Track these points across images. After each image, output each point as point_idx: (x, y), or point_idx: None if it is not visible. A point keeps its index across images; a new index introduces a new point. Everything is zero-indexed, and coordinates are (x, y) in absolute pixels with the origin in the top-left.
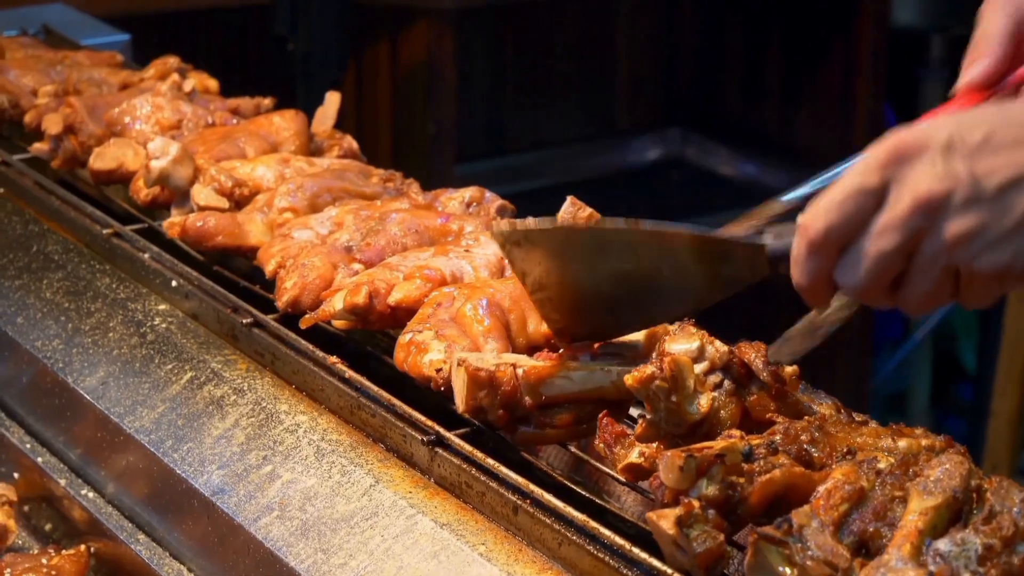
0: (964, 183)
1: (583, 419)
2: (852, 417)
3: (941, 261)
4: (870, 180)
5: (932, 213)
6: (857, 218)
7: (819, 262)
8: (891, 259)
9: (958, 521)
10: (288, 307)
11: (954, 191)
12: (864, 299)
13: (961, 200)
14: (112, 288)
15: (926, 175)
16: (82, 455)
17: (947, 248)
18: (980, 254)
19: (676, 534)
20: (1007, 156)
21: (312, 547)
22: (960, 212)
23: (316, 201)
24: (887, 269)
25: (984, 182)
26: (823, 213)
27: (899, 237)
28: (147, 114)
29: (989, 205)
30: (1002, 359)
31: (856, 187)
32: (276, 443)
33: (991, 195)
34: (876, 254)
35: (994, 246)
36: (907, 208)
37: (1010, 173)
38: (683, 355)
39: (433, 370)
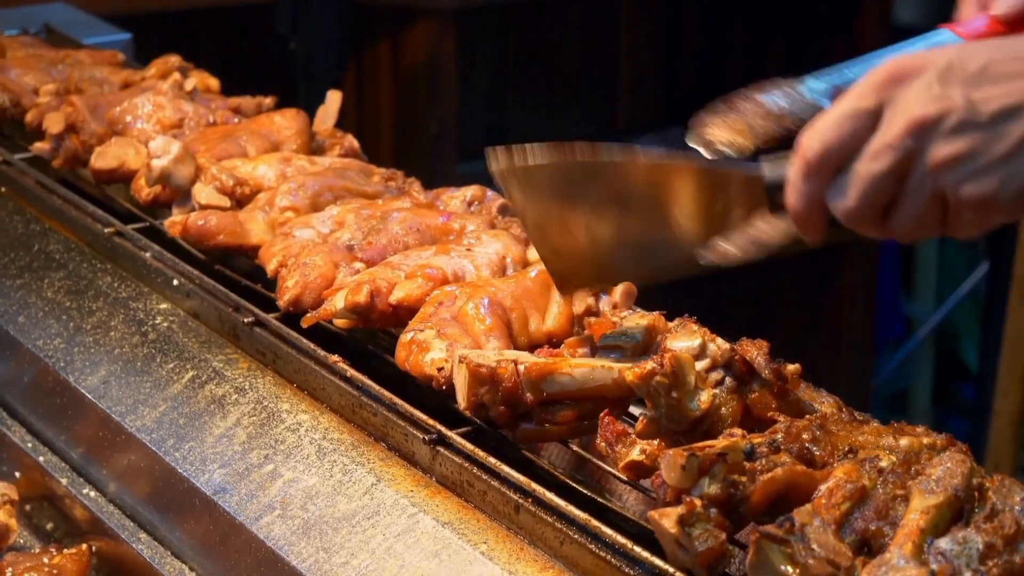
0: (959, 107)
1: (584, 416)
2: (854, 415)
3: (929, 184)
4: (866, 102)
5: (924, 135)
6: (853, 139)
7: (815, 185)
8: (883, 181)
9: (960, 520)
10: (289, 306)
11: (948, 114)
12: (856, 225)
13: (954, 124)
14: (113, 287)
15: (921, 97)
16: (84, 454)
17: (936, 170)
18: (967, 179)
19: (678, 533)
20: (1005, 85)
21: (314, 546)
22: (951, 135)
23: (317, 200)
24: (879, 192)
25: (979, 107)
26: (820, 134)
27: (891, 158)
28: (148, 113)
29: (982, 131)
30: (1004, 358)
31: (852, 109)
32: (278, 442)
33: (985, 121)
34: (869, 176)
35: (982, 173)
36: (900, 129)
37: (1006, 101)
38: (684, 352)
39: (435, 369)
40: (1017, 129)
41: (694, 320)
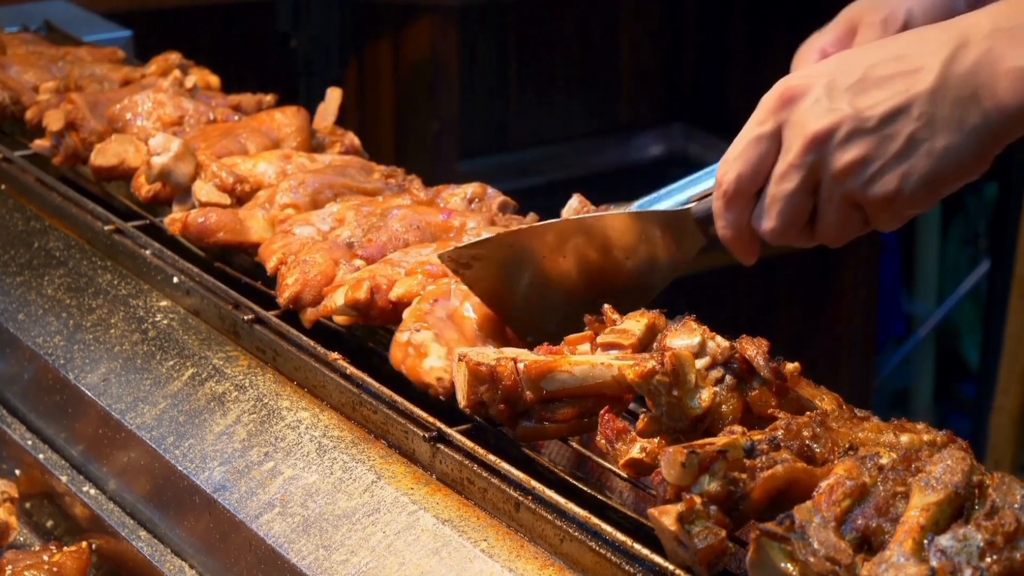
0: (848, 117)
1: (584, 414)
2: (854, 413)
3: (838, 191)
4: (765, 127)
5: (822, 148)
6: (761, 164)
7: (736, 212)
8: (797, 198)
9: (960, 517)
10: (290, 303)
11: (839, 125)
12: (784, 241)
13: (846, 132)
14: (113, 285)
15: (812, 113)
16: (83, 452)
17: (839, 178)
18: (871, 181)
19: (678, 530)
20: (886, 88)
21: (314, 544)
22: (846, 144)
23: (318, 197)
24: (796, 209)
25: (866, 114)
26: (731, 164)
27: (798, 176)
28: (148, 110)
29: (872, 135)
30: (1005, 356)
31: (754, 135)
32: (278, 439)
33: (873, 125)
34: (782, 195)
35: (882, 173)
36: (799, 148)
37: (890, 104)
38: (684, 350)
39: (434, 378)
40: (904, 128)
41: (693, 318)
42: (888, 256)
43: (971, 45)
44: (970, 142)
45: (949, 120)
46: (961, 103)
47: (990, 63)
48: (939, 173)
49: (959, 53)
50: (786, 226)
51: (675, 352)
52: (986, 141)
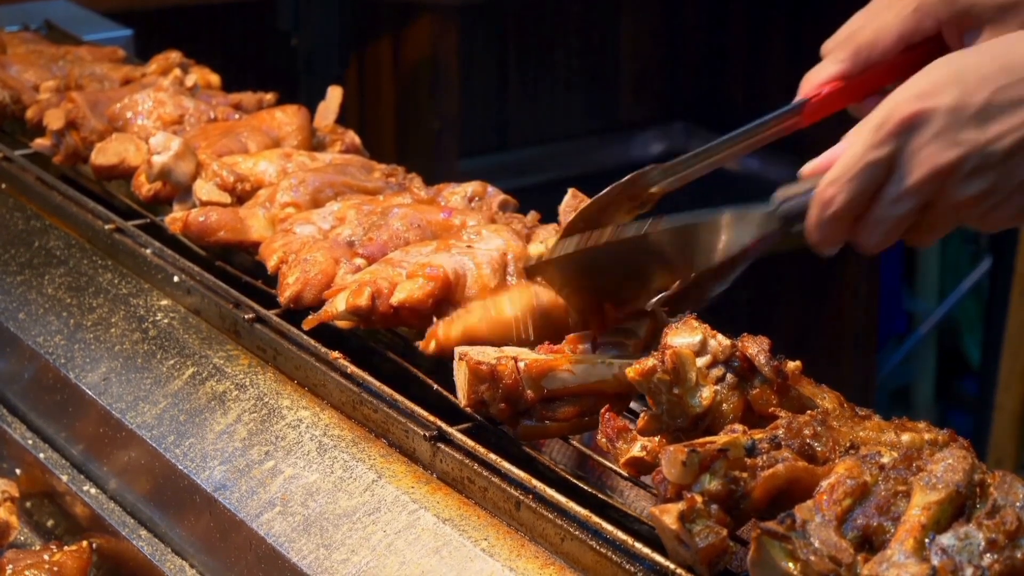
0: (974, 151)
1: (585, 412)
2: (855, 411)
3: (952, 218)
4: (882, 151)
5: (945, 181)
6: (871, 187)
7: (839, 228)
8: (906, 221)
9: (961, 515)
10: (290, 302)
11: (965, 160)
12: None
13: (972, 167)
14: (114, 284)
15: (936, 145)
16: (84, 451)
17: (958, 209)
18: (988, 213)
19: (679, 529)
20: (1013, 117)
21: (314, 543)
22: (971, 178)
23: (318, 196)
24: (901, 230)
25: (991, 147)
26: (840, 187)
27: (912, 203)
28: (149, 109)
29: (997, 170)
30: (1006, 353)
31: (868, 160)
32: (278, 439)
33: (999, 159)
34: (892, 219)
35: (1001, 206)
36: (921, 177)
37: (1016, 137)
38: (685, 348)
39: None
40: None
41: (694, 316)
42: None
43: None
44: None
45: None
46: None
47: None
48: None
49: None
50: (887, 244)
51: (676, 350)
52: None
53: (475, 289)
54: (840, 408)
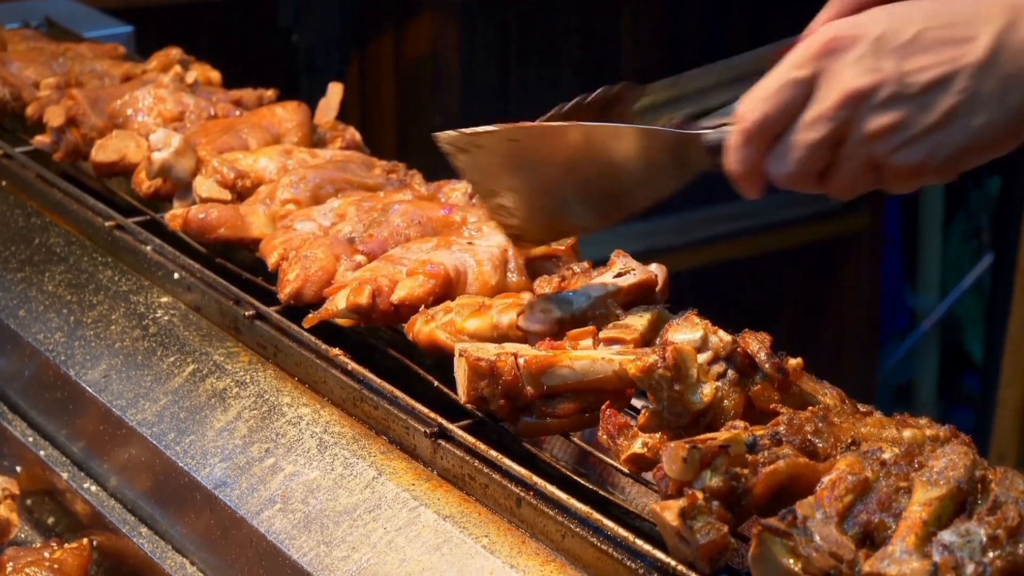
0: (890, 80)
1: (586, 409)
2: (856, 407)
3: (863, 152)
4: (802, 72)
5: (858, 105)
6: (789, 108)
7: (753, 151)
8: (819, 150)
9: (963, 512)
10: (290, 299)
11: (880, 86)
12: (793, 186)
13: (886, 96)
14: (114, 281)
15: (854, 69)
16: (84, 448)
17: (868, 140)
18: (899, 149)
19: (680, 526)
20: (935, 55)
21: (315, 540)
22: (883, 108)
23: (318, 193)
24: (815, 159)
25: (909, 79)
26: (758, 103)
27: (826, 129)
28: (149, 106)
29: (912, 102)
30: (1008, 349)
31: (789, 79)
32: (279, 436)
33: (915, 93)
34: (805, 144)
35: (912, 143)
36: (834, 101)
37: (935, 73)
38: (686, 344)
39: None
40: (945, 100)
41: (696, 312)
42: (891, 250)
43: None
44: (1008, 120)
45: (991, 97)
46: (1006, 80)
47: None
48: (970, 148)
49: (1011, 29)
50: (801, 174)
51: (677, 347)
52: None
53: (476, 286)
54: (841, 404)
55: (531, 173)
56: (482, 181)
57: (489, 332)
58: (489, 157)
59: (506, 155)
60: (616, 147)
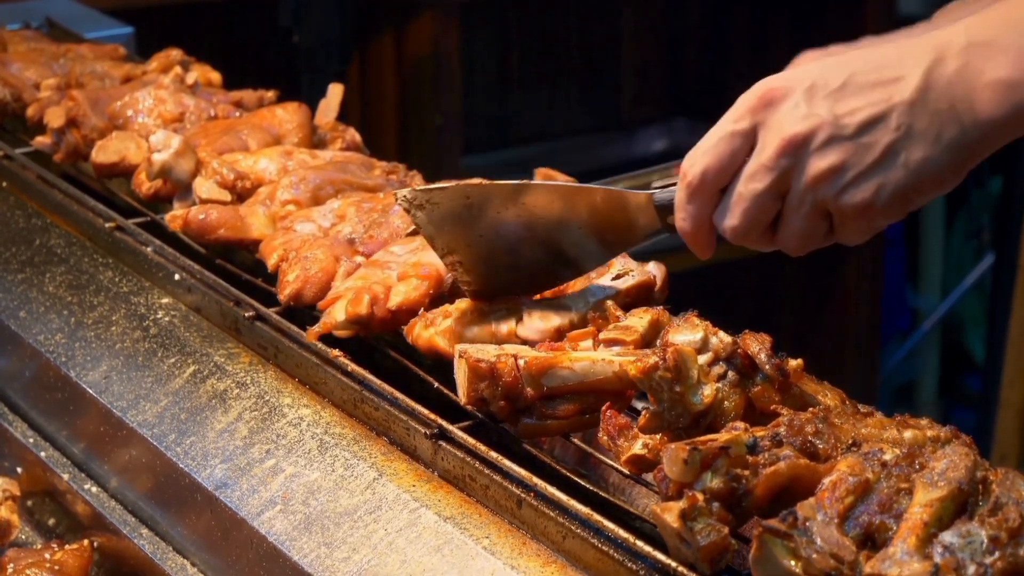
0: (826, 123)
1: (586, 410)
2: (857, 408)
3: (809, 198)
4: (740, 124)
5: (797, 152)
6: (731, 161)
7: (699, 206)
8: (764, 200)
9: (964, 513)
10: (291, 300)
11: (817, 130)
12: (744, 242)
13: (823, 139)
14: (115, 282)
15: (790, 117)
16: (85, 449)
17: (812, 185)
18: (844, 190)
19: (680, 527)
20: (866, 96)
21: (315, 541)
22: (823, 150)
23: (319, 194)
24: (761, 210)
25: (844, 121)
26: (699, 157)
27: (769, 178)
28: (149, 107)
29: (850, 142)
30: (1010, 349)
31: (728, 131)
32: (279, 437)
33: (851, 133)
34: (749, 195)
35: (856, 182)
36: (774, 149)
37: (869, 113)
38: (686, 345)
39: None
40: (882, 138)
41: (696, 313)
42: (892, 250)
43: (948, 59)
44: (946, 155)
45: (927, 132)
46: (939, 116)
47: (967, 77)
48: (913, 185)
49: (938, 66)
50: (748, 227)
51: (677, 348)
52: (963, 155)
53: None
54: (842, 405)
55: (483, 231)
56: (437, 237)
57: (488, 339)
58: (443, 214)
59: (459, 212)
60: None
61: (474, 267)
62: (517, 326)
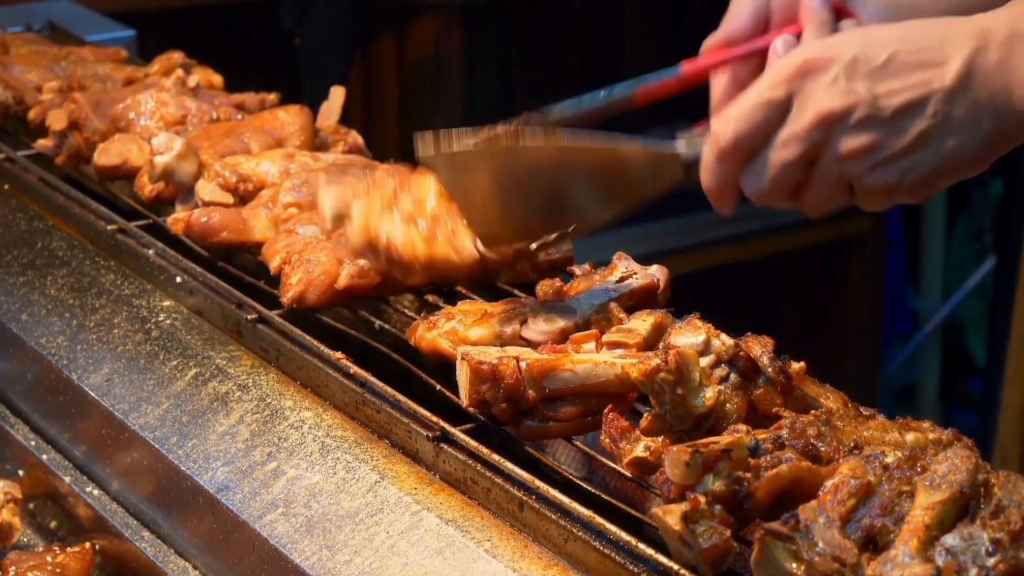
0: (864, 102)
1: (588, 412)
2: (859, 411)
3: (835, 171)
4: (777, 92)
5: (831, 127)
6: (763, 128)
7: (727, 169)
8: (792, 168)
9: (965, 516)
10: (293, 303)
11: (853, 108)
12: (767, 202)
13: (860, 117)
14: (117, 284)
15: (828, 91)
16: (87, 452)
17: (842, 161)
18: (871, 171)
19: (682, 530)
20: (907, 78)
21: (317, 544)
22: (856, 129)
23: None
24: (789, 177)
25: (882, 102)
26: (733, 122)
27: (800, 149)
28: (151, 110)
29: (884, 126)
30: (1011, 351)
31: (764, 99)
32: (281, 439)
33: (887, 116)
34: (779, 163)
35: (885, 164)
36: (809, 122)
37: (907, 96)
38: (689, 348)
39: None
40: (918, 124)
41: (698, 316)
42: (894, 252)
43: (991, 48)
44: (979, 145)
45: (963, 122)
46: (977, 106)
47: (1008, 69)
48: (942, 171)
49: (980, 54)
50: (774, 191)
51: (679, 350)
52: (995, 144)
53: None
54: (844, 408)
55: (507, 186)
56: (457, 188)
57: (492, 341)
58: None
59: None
60: (594, 162)
61: (490, 217)
62: (521, 328)
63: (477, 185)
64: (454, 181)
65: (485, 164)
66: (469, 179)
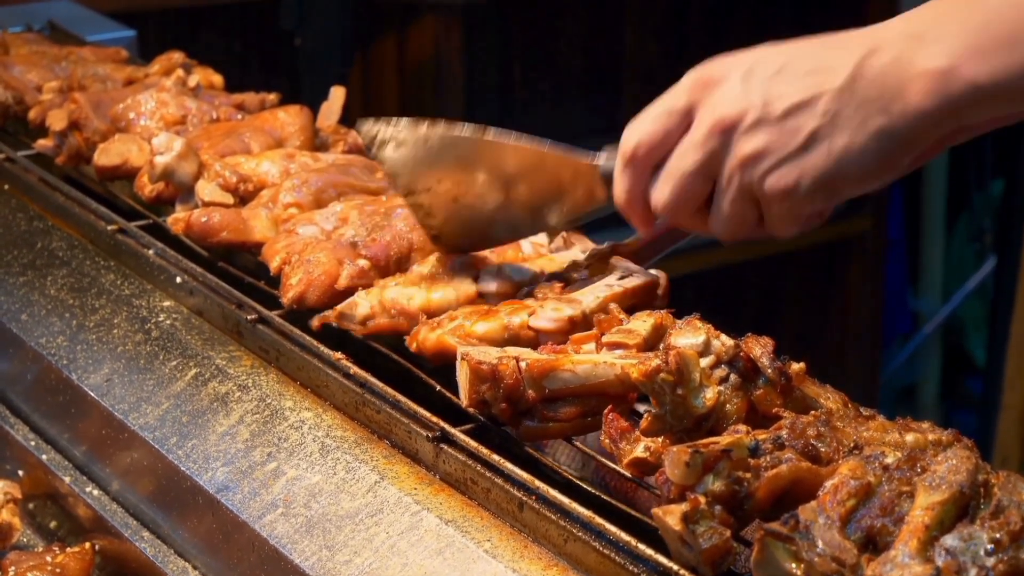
0: (756, 105)
1: (588, 413)
2: (859, 411)
3: (735, 181)
4: (678, 102)
5: (726, 134)
6: (664, 137)
7: (633, 178)
8: (693, 178)
9: (965, 516)
10: (293, 303)
11: (746, 113)
12: (675, 219)
13: (751, 121)
14: (117, 285)
15: (725, 98)
16: (87, 452)
17: (740, 166)
18: (769, 173)
19: (682, 530)
20: (799, 83)
21: (317, 544)
22: (750, 133)
23: (321, 197)
24: (690, 188)
25: (773, 105)
26: (636, 130)
27: (698, 156)
28: (152, 110)
29: (776, 126)
30: (1011, 352)
31: (665, 109)
32: (281, 440)
33: (778, 116)
34: (678, 172)
35: (781, 165)
36: (705, 129)
37: (797, 98)
38: (689, 348)
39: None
40: (808, 123)
41: (698, 316)
42: (894, 253)
43: (883, 49)
44: (872, 144)
45: (852, 120)
46: (866, 104)
47: (899, 67)
48: (837, 173)
49: (871, 56)
50: (678, 204)
51: (679, 351)
52: (890, 145)
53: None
54: (844, 408)
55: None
56: (401, 176)
57: (500, 333)
58: (407, 156)
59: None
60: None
61: (434, 211)
62: (530, 318)
63: (420, 174)
64: (396, 167)
65: (426, 150)
66: (411, 167)
